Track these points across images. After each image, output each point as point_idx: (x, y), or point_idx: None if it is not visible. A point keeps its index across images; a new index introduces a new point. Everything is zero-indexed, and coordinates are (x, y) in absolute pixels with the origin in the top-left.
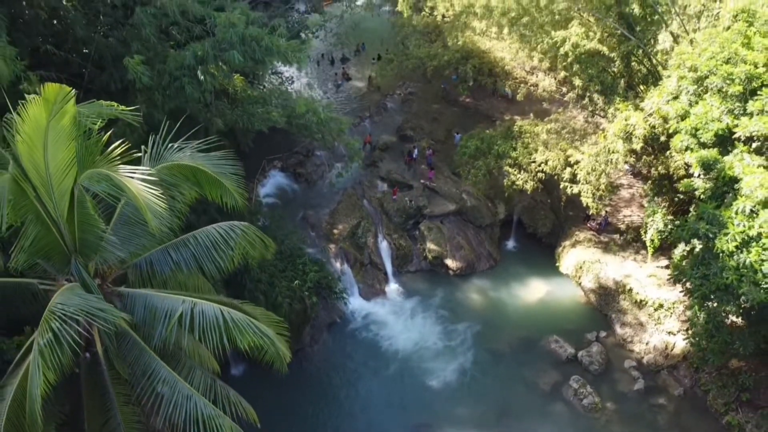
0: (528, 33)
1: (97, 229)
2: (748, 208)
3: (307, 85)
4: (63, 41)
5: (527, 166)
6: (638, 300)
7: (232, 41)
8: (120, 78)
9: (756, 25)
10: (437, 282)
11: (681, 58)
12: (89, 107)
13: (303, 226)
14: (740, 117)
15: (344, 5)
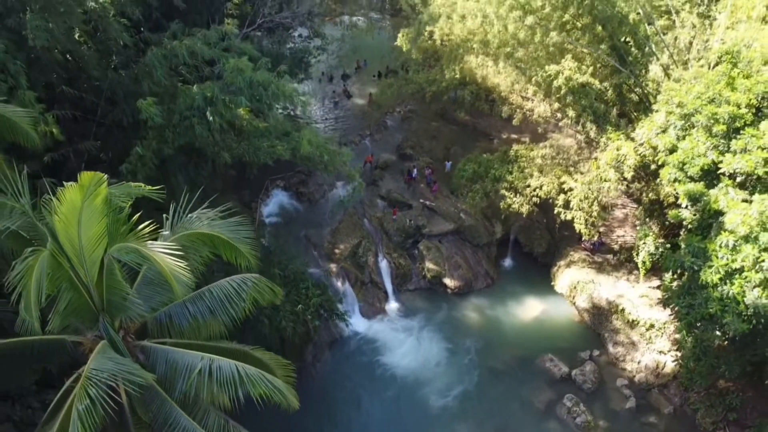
0: (523, 65)
1: (123, 291)
2: (731, 243)
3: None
4: (76, 78)
5: (523, 190)
6: (630, 320)
7: (240, 86)
8: (132, 113)
9: (740, 65)
10: (436, 300)
11: (669, 94)
12: (119, 188)
13: (305, 245)
14: (725, 153)
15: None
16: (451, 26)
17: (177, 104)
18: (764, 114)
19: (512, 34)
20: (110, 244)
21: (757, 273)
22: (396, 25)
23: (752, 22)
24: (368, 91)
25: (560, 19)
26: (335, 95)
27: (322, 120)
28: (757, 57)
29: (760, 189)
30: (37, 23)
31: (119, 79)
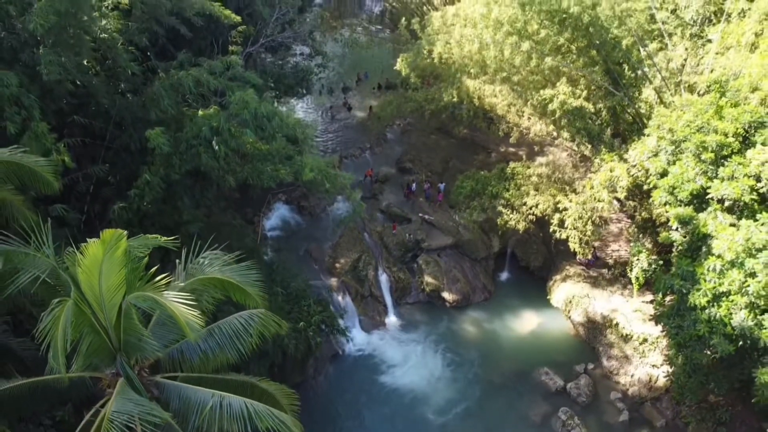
0: (519, 89)
1: (139, 333)
2: (718, 267)
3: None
4: (86, 103)
5: (519, 208)
6: (624, 334)
7: (246, 119)
8: (139, 139)
9: (728, 95)
10: (434, 314)
11: (660, 120)
12: (137, 240)
13: (306, 259)
14: (713, 179)
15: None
16: (449, 50)
17: (184, 132)
18: (751, 141)
19: (508, 59)
20: (128, 291)
21: (743, 297)
22: (395, 38)
23: (741, 48)
24: (368, 104)
25: (555, 43)
26: (333, 110)
27: (322, 133)
28: (745, 85)
29: (747, 214)
30: (50, 58)
31: (127, 105)
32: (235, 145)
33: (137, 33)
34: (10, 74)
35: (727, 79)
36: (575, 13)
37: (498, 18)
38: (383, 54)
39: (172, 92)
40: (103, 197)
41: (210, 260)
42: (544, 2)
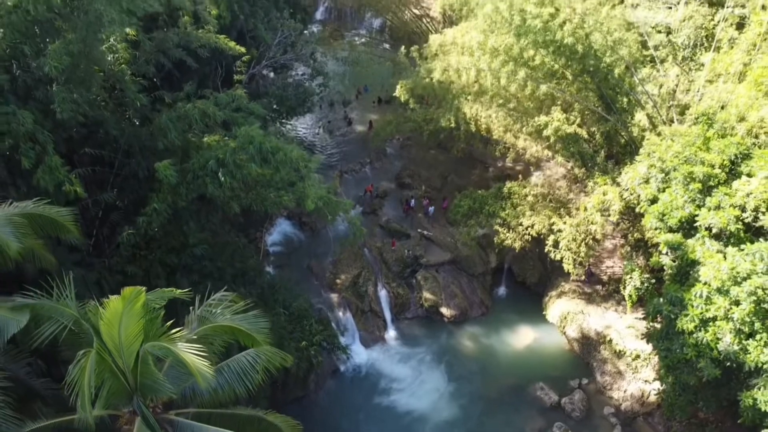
0: (515, 114)
1: (154, 377)
2: (705, 294)
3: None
4: (95, 131)
5: (516, 227)
6: (617, 350)
7: (251, 153)
8: (147, 166)
9: (715, 126)
10: (433, 329)
11: (650, 148)
12: (154, 294)
13: (307, 275)
14: (701, 207)
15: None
16: (447, 77)
17: (191, 163)
18: (738, 171)
19: (504, 86)
20: (145, 339)
21: (728, 323)
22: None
23: (730, 77)
24: (368, 118)
25: (551, 69)
26: (334, 123)
27: (322, 147)
28: (733, 115)
29: (734, 241)
30: (63, 95)
31: (135, 133)
32: (241, 176)
33: (145, 64)
34: (25, 113)
35: (715, 111)
36: (569, 44)
37: (494, 46)
38: (383, 68)
39: (178, 124)
40: (111, 222)
41: (221, 308)
42: (539, 33)
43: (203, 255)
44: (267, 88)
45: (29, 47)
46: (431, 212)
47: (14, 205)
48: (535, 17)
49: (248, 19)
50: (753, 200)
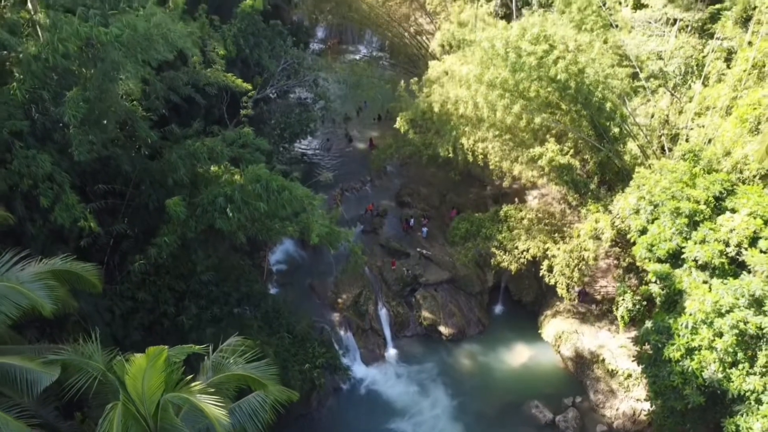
0: (511, 144)
1: (173, 422)
2: (690, 324)
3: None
4: (107, 164)
5: (512, 251)
6: (610, 369)
7: (258, 191)
8: (157, 198)
9: (701, 163)
10: (432, 347)
11: (640, 180)
12: (175, 350)
13: (309, 294)
14: (688, 239)
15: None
16: (446, 110)
17: (200, 198)
18: (723, 206)
19: (500, 119)
20: (166, 390)
21: (712, 353)
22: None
23: (717, 111)
24: (369, 135)
25: (545, 99)
26: (329, 142)
27: (323, 165)
28: (719, 149)
29: (718, 273)
30: (80, 138)
31: (146, 166)
32: (248, 212)
33: (155, 100)
34: (44, 156)
35: (701, 148)
36: (563, 80)
37: (491, 80)
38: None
39: (188, 161)
40: (122, 250)
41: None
42: (533, 69)
43: (210, 280)
44: (271, 113)
45: (47, 92)
46: (425, 233)
47: (44, 261)
48: (530, 54)
49: (253, 51)
50: (736, 236)
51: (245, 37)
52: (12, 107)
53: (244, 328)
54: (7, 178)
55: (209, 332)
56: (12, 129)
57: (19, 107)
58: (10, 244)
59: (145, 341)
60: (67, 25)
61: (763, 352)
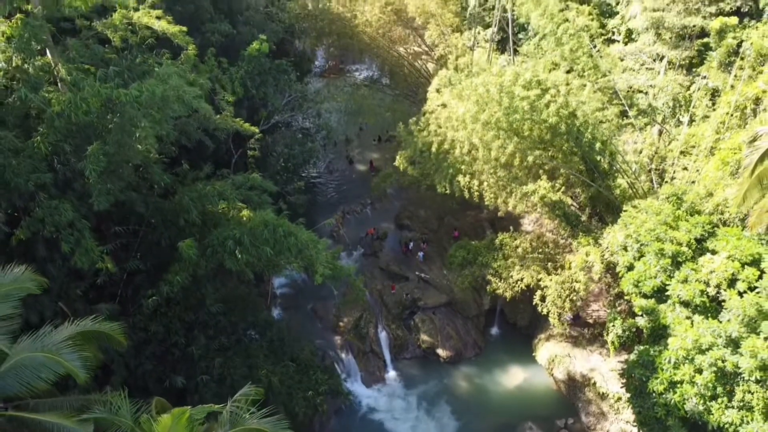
0: (505, 180)
1: None
2: (672, 360)
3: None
4: (121, 204)
5: (507, 279)
6: (601, 392)
7: (265, 237)
8: (169, 236)
9: (684, 205)
10: (430, 369)
11: (627, 220)
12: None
13: (312, 318)
14: (672, 277)
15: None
16: (443, 151)
17: (210, 239)
18: (705, 246)
19: (495, 157)
20: None
21: (693, 387)
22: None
23: (701, 152)
24: (369, 157)
25: (539, 137)
26: (331, 164)
27: (324, 186)
28: (701, 190)
29: (700, 310)
30: (99, 187)
31: (159, 206)
32: (256, 253)
33: (168, 144)
34: (66, 205)
35: (684, 191)
36: (554, 123)
37: (486, 120)
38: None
39: (198, 203)
40: (135, 284)
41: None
42: (527, 113)
43: (218, 311)
44: (275, 143)
45: (69, 145)
46: (421, 258)
47: (75, 323)
48: (523, 99)
49: (259, 89)
50: (715, 277)
51: (252, 78)
52: (36, 160)
53: (251, 357)
54: (31, 225)
55: (217, 362)
56: (37, 182)
57: (42, 160)
58: None
59: (156, 370)
60: (88, 87)
61: (740, 387)
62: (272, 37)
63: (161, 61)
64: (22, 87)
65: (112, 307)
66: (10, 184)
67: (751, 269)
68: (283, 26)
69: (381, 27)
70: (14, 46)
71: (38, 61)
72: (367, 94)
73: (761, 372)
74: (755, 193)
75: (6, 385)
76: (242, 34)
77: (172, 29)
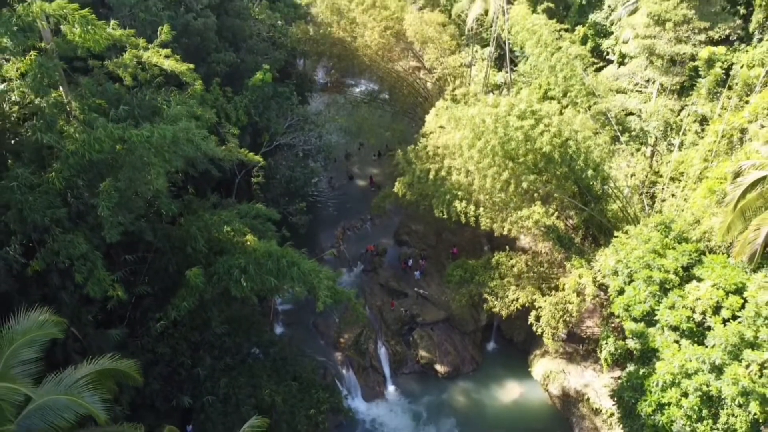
0: (500, 205)
1: None
2: (660, 383)
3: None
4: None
5: (503, 298)
6: (594, 408)
7: (270, 267)
8: (176, 262)
9: (672, 234)
10: (428, 384)
11: (618, 246)
12: None
13: (313, 334)
14: (660, 303)
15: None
16: (440, 177)
17: (216, 266)
18: (691, 273)
19: (490, 185)
20: None
21: (680, 410)
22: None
23: (690, 179)
24: (369, 173)
25: (533, 162)
26: (333, 180)
27: (325, 202)
28: (689, 218)
29: (687, 335)
30: (111, 220)
31: (167, 233)
32: (260, 281)
33: (175, 174)
34: (80, 239)
35: (672, 219)
36: (547, 152)
37: (482, 148)
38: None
39: (205, 233)
40: (143, 306)
41: None
42: (521, 143)
43: (223, 332)
44: (278, 165)
45: (82, 179)
46: (419, 276)
47: (94, 361)
48: (517, 129)
49: (262, 116)
50: (701, 305)
51: (255, 105)
52: (51, 195)
53: (255, 377)
54: (46, 257)
55: (223, 382)
56: (52, 217)
57: (57, 194)
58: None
59: (163, 390)
60: (101, 127)
61: (724, 411)
62: (275, 64)
63: (170, 98)
64: (38, 129)
65: (121, 332)
66: (27, 220)
67: (734, 297)
68: (286, 50)
69: (380, 49)
70: (29, 85)
71: (51, 99)
72: (367, 113)
73: (743, 398)
74: (738, 225)
75: (32, 424)
76: (246, 62)
77: (181, 68)
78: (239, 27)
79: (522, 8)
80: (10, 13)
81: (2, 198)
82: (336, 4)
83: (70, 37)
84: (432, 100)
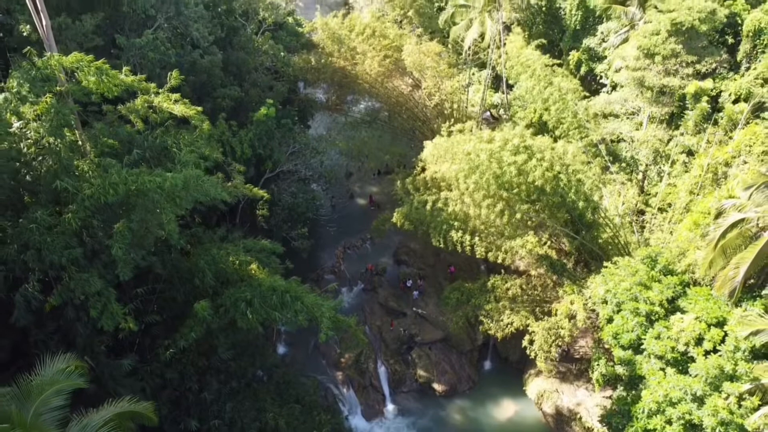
0: (495, 234)
1: None
2: (646, 410)
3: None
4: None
5: (498, 321)
6: (586, 427)
7: (274, 302)
8: (185, 292)
9: (658, 267)
10: (426, 402)
11: (607, 276)
12: None
13: (315, 354)
14: (646, 332)
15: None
16: (437, 207)
17: (223, 299)
18: (677, 305)
19: (485, 215)
20: None
21: None
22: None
23: (676, 211)
24: (369, 191)
25: (527, 192)
26: (334, 199)
27: (326, 222)
28: (675, 249)
29: (672, 363)
30: (124, 258)
31: (176, 265)
32: (265, 314)
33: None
34: (95, 278)
35: (658, 252)
36: (540, 185)
37: (477, 181)
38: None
39: (213, 266)
40: (152, 334)
41: None
42: (514, 178)
43: (229, 357)
44: (281, 193)
45: (96, 220)
46: (417, 296)
47: (114, 403)
48: (511, 164)
49: (266, 147)
50: (684, 336)
51: (260, 138)
52: (68, 236)
53: (259, 401)
54: (63, 293)
55: (229, 406)
56: (69, 257)
57: (73, 235)
58: (60, 340)
59: (171, 413)
60: (116, 173)
61: None
62: (278, 97)
63: (179, 140)
64: (55, 172)
65: (132, 361)
66: (45, 260)
67: (716, 330)
68: (288, 79)
69: (380, 76)
70: (44, 127)
71: (67, 142)
72: (368, 136)
73: (722, 427)
74: (719, 262)
75: None
76: (250, 95)
77: (189, 112)
78: (243, 60)
79: (517, 40)
80: (29, 66)
81: (22, 238)
82: (336, 34)
83: (85, 84)
84: (430, 123)
